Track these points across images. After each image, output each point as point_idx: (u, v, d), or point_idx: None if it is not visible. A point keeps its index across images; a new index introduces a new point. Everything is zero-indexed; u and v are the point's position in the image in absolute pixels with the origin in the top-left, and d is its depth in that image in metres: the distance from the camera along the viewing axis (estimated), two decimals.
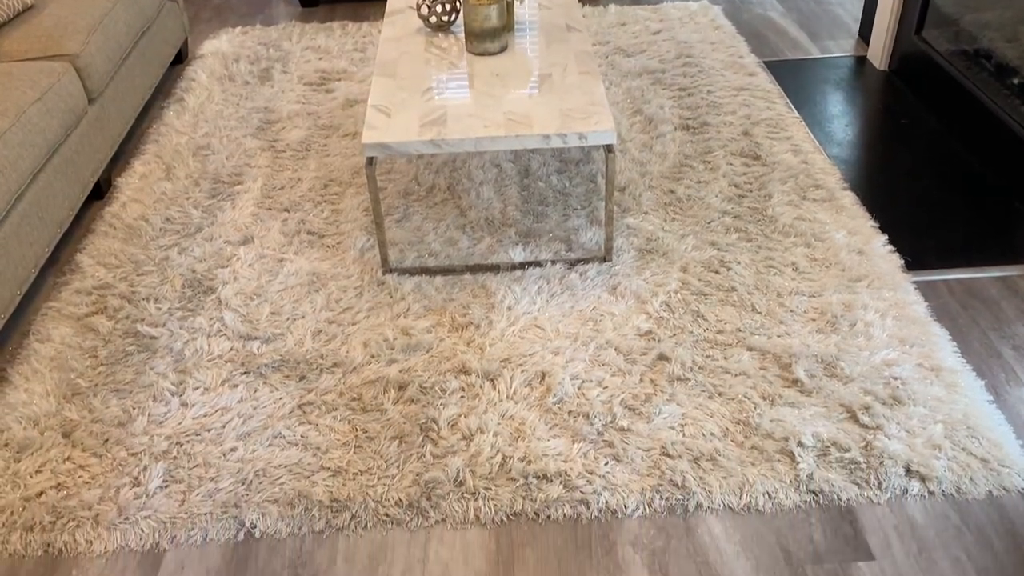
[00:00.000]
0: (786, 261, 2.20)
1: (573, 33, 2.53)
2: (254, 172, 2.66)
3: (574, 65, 2.35)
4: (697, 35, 3.40)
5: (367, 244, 2.33)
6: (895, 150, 2.68)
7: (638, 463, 1.69)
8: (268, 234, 2.39)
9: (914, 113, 2.86)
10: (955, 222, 2.34)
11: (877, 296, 2.06)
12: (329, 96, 3.09)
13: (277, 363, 1.96)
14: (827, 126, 2.81)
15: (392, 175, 2.62)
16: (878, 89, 3.02)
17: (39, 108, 2.19)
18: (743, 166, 2.59)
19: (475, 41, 2.40)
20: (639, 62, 3.21)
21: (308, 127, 2.89)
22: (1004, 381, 1.85)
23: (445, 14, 2.53)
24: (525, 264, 2.25)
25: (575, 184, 2.56)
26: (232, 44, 3.47)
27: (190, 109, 3.02)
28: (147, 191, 2.59)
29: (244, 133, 2.87)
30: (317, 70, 3.26)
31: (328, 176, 2.64)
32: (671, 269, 2.19)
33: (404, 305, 2.12)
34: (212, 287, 2.20)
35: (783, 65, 3.19)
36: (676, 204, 2.44)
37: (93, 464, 1.73)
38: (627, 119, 2.86)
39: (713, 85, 3.03)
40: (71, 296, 2.18)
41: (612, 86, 3.06)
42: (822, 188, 2.46)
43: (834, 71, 3.14)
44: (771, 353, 1.92)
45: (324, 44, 3.46)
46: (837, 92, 3.00)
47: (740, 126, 2.78)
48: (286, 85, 3.16)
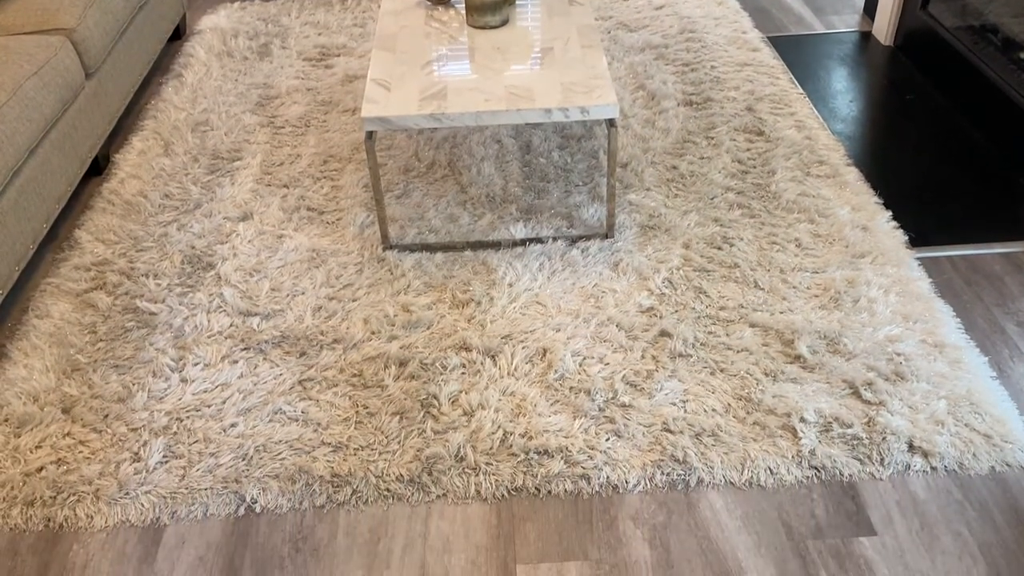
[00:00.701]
0: (789, 237, 2.18)
1: (575, 6, 2.50)
2: (253, 148, 2.64)
3: (576, 39, 2.33)
4: (700, 10, 3.36)
5: (367, 220, 2.32)
6: (900, 126, 2.65)
7: (639, 439, 1.68)
8: (267, 210, 2.37)
9: (919, 89, 2.83)
10: (960, 198, 2.33)
11: (881, 272, 2.05)
12: (328, 72, 3.06)
13: (277, 339, 1.95)
14: (831, 102, 2.78)
15: (392, 151, 2.60)
16: (883, 65, 2.99)
17: (36, 82, 2.17)
18: (746, 142, 2.56)
19: (476, 14, 2.37)
20: (642, 37, 3.18)
21: (307, 103, 2.87)
22: (1008, 357, 1.84)
23: None
24: (526, 241, 2.23)
25: (577, 160, 2.54)
26: (230, 20, 3.44)
27: (188, 85, 2.99)
28: (145, 167, 2.57)
29: (243, 109, 2.84)
30: (316, 45, 3.23)
31: (328, 152, 2.62)
32: (673, 245, 2.18)
33: (405, 282, 2.11)
34: (211, 263, 2.19)
35: (787, 40, 3.16)
36: (679, 180, 2.42)
37: (93, 439, 1.73)
38: (630, 94, 2.84)
39: (716, 60, 3.00)
40: (70, 272, 2.17)
41: (615, 61, 3.03)
42: (826, 164, 2.44)
43: (838, 47, 3.11)
44: (774, 329, 1.91)
45: (323, 19, 3.42)
46: (841, 68, 2.97)
47: (743, 102, 2.75)
48: (285, 61, 3.13)
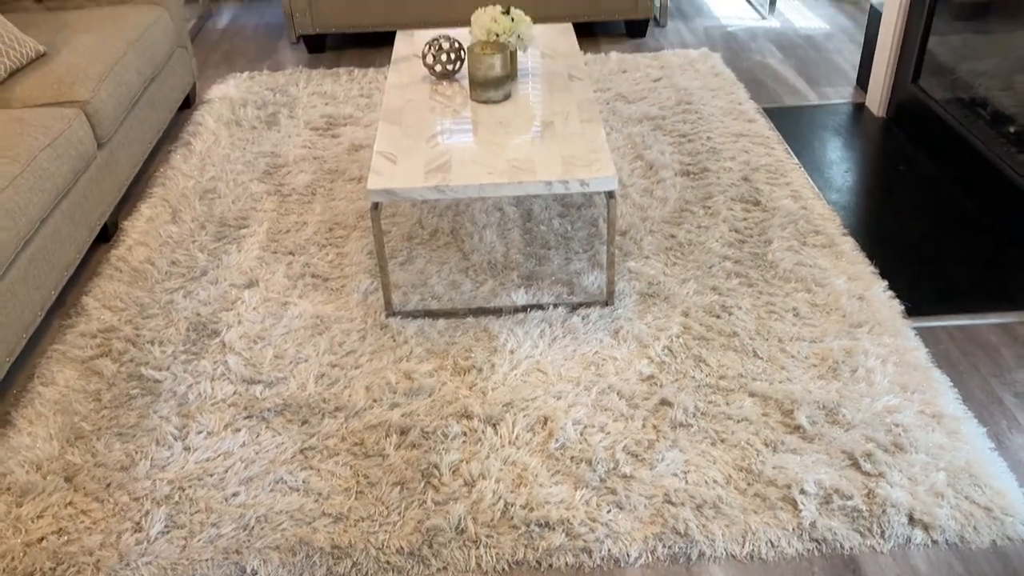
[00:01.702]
0: (787, 306, 2.21)
1: (575, 82, 2.58)
2: (260, 216, 2.69)
3: (576, 113, 2.39)
4: (697, 82, 3.45)
5: (371, 287, 2.35)
6: (894, 196, 2.71)
7: (641, 510, 1.68)
8: (273, 277, 2.41)
9: (912, 159, 2.90)
10: (954, 268, 2.36)
11: (878, 342, 2.07)
12: (335, 141, 3.13)
13: (280, 407, 1.97)
14: (826, 172, 2.84)
15: (396, 218, 2.65)
16: (876, 136, 3.06)
17: (49, 154, 2.22)
18: (743, 211, 2.61)
19: (479, 89, 2.44)
20: (640, 108, 3.26)
21: (314, 171, 2.93)
22: (1006, 428, 1.86)
23: (450, 63, 2.58)
24: (527, 307, 2.26)
25: (577, 228, 2.58)
26: (240, 89, 3.53)
27: (197, 153, 3.06)
28: (153, 234, 2.61)
29: (250, 177, 2.91)
30: (323, 115, 3.31)
31: (333, 220, 2.66)
32: (673, 313, 2.21)
33: (407, 348, 2.13)
34: (216, 330, 2.22)
35: (782, 112, 3.24)
36: (677, 249, 2.46)
37: (95, 509, 1.73)
38: (628, 164, 2.90)
39: (713, 131, 3.07)
40: (76, 339, 2.20)
41: (613, 132, 3.11)
42: (822, 234, 2.48)
43: (833, 117, 3.18)
44: (773, 399, 1.93)
45: (330, 90, 3.51)
46: (836, 138, 3.04)
47: (740, 172, 2.81)
48: (292, 130, 3.21)
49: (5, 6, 3.07)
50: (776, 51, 3.78)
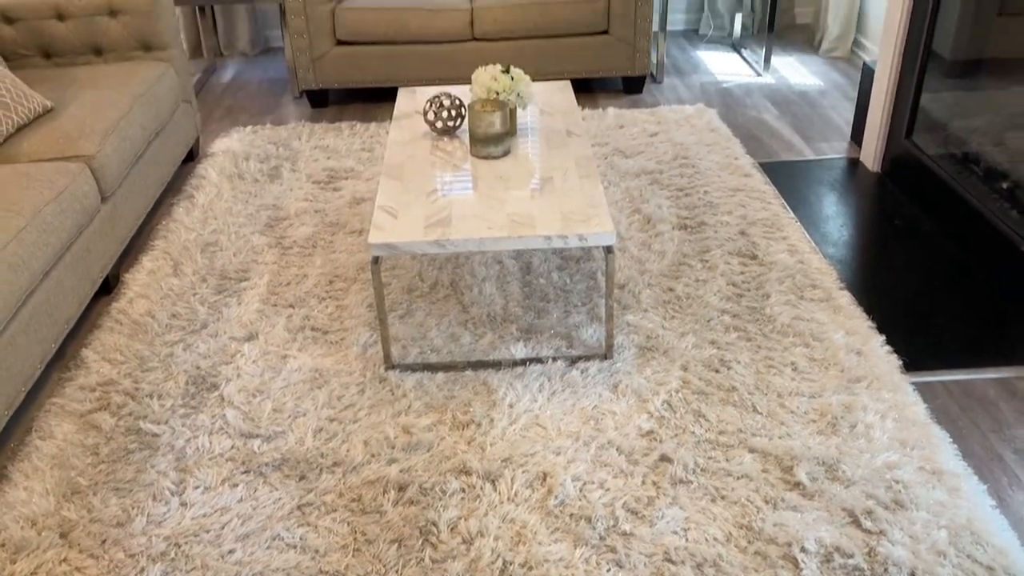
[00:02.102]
0: (786, 361, 2.22)
1: (573, 138, 2.62)
2: (261, 268, 2.71)
3: (574, 169, 2.43)
4: (693, 137, 3.51)
5: (370, 340, 2.36)
6: (890, 251, 2.73)
7: (641, 569, 1.67)
8: (273, 330, 2.42)
9: (907, 214, 2.93)
10: (951, 323, 2.37)
11: (877, 397, 2.08)
12: (336, 194, 3.16)
13: (278, 462, 1.96)
14: (822, 226, 2.87)
15: (396, 271, 2.67)
16: (871, 190, 3.10)
17: (54, 208, 2.25)
18: (740, 265, 2.63)
19: (479, 145, 2.48)
20: (637, 163, 3.31)
21: (315, 224, 2.96)
22: (1007, 485, 1.85)
23: (451, 119, 2.63)
24: (527, 361, 2.26)
25: (576, 281, 2.60)
26: (243, 143, 3.58)
27: (199, 206, 3.09)
28: (154, 287, 2.63)
29: (252, 230, 2.93)
30: (325, 169, 3.35)
31: (333, 272, 2.68)
32: (672, 367, 2.21)
33: (405, 402, 2.13)
34: (215, 384, 2.22)
35: (778, 166, 3.28)
36: (675, 302, 2.48)
37: (90, 566, 1.71)
38: (626, 218, 2.93)
39: (709, 185, 3.11)
40: (75, 392, 2.20)
41: (611, 186, 3.15)
42: (819, 288, 2.50)
43: (828, 172, 3.23)
44: (773, 455, 1.92)
45: (332, 144, 3.56)
46: (831, 193, 3.08)
47: (737, 226, 2.84)
48: (294, 183, 3.25)
49: (15, 62, 3.13)
50: (771, 107, 3.84)
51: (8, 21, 3.07)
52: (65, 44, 3.13)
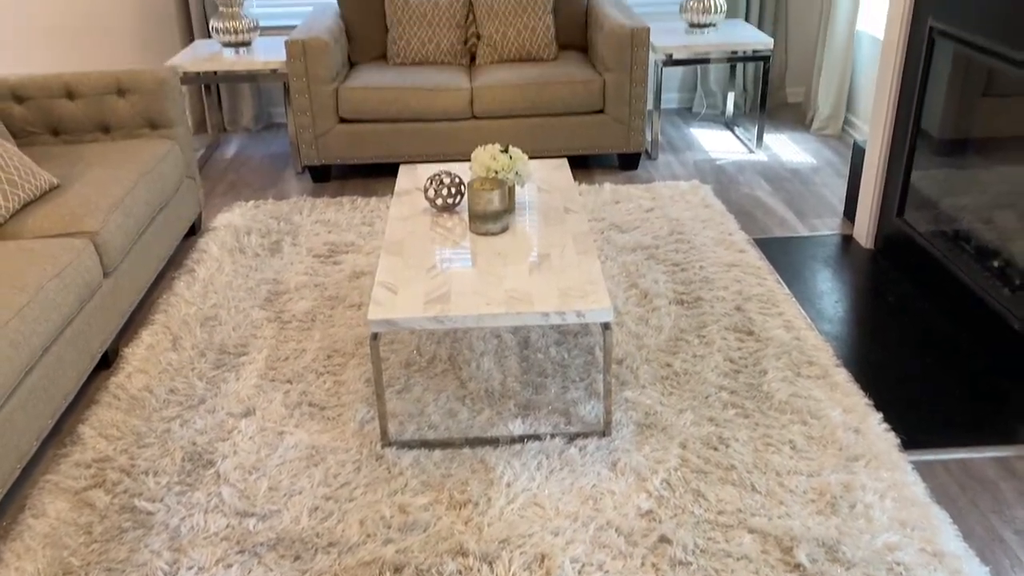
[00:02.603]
0: (784, 439, 2.21)
1: (570, 215, 2.66)
2: (259, 343, 2.72)
3: (572, 245, 2.46)
4: (688, 213, 3.56)
5: (367, 416, 2.36)
6: (885, 327, 2.75)
7: None
8: (270, 406, 2.41)
9: (901, 291, 2.96)
10: (948, 400, 2.38)
11: (875, 476, 2.07)
12: (336, 268, 3.20)
13: (273, 541, 1.94)
14: (817, 303, 2.90)
15: (395, 345, 2.68)
16: (865, 267, 3.14)
17: (57, 284, 2.27)
18: (737, 341, 2.65)
19: (478, 222, 2.52)
20: (633, 238, 3.35)
21: (315, 298, 2.98)
22: (1008, 567, 1.83)
23: (450, 196, 2.67)
24: (524, 438, 2.26)
25: (574, 356, 2.61)
26: (244, 217, 3.63)
27: (200, 280, 3.12)
28: (153, 361, 2.64)
29: (252, 304, 2.95)
30: (326, 243, 3.39)
31: (332, 347, 2.69)
32: (670, 445, 2.21)
33: (402, 480, 2.11)
34: (212, 460, 2.20)
35: (772, 242, 3.33)
36: (673, 378, 2.49)
37: None
38: (623, 292, 2.96)
39: (705, 261, 3.15)
40: (70, 469, 2.18)
41: (608, 260, 3.18)
42: (815, 365, 2.51)
43: (822, 249, 3.27)
44: (772, 535, 1.90)
45: (333, 218, 3.61)
46: (826, 269, 3.12)
47: (733, 301, 2.87)
48: (295, 257, 3.28)
49: (24, 140, 3.20)
50: (764, 183, 3.91)
51: (19, 100, 3.15)
52: (74, 122, 3.20)
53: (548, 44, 4.14)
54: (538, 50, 4.14)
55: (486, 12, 4.14)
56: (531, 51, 4.14)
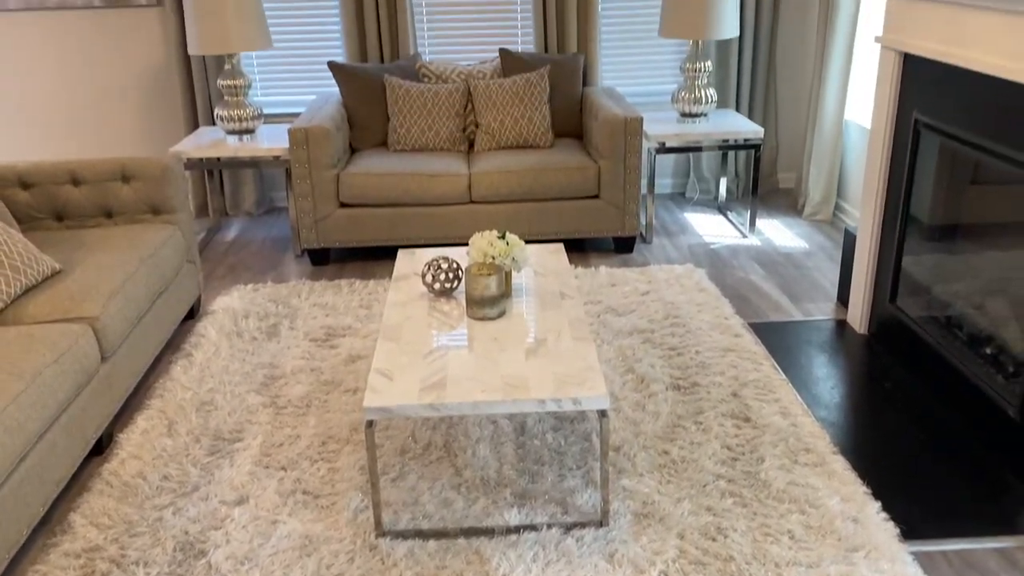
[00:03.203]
0: (782, 529, 2.19)
1: (567, 300, 2.69)
2: (254, 429, 2.71)
3: (568, 331, 2.48)
4: (683, 296, 3.59)
5: (361, 505, 2.33)
6: (882, 413, 2.75)
7: None
8: (264, 494, 2.39)
9: (897, 376, 2.97)
10: (947, 489, 2.36)
11: (875, 568, 2.04)
12: (333, 352, 3.21)
13: None
14: (813, 388, 2.90)
15: (390, 432, 2.67)
16: (860, 352, 3.15)
17: (54, 370, 2.28)
18: (734, 428, 2.64)
19: (475, 307, 2.55)
20: (629, 321, 3.38)
21: (310, 383, 2.98)
22: None
23: (448, 281, 2.71)
24: (520, 528, 2.23)
25: (570, 443, 2.60)
26: (243, 301, 3.66)
27: (197, 364, 3.12)
28: (147, 447, 2.62)
29: (248, 389, 2.95)
30: (323, 326, 3.41)
31: (327, 433, 2.68)
32: (668, 535, 2.18)
33: (396, 573, 2.08)
34: (203, 550, 2.17)
35: (767, 327, 3.35)
36: (670, 466, 2.47)
37: None
38: (620, 377, 2.96)
39: (701, 345, 3.17)
40: (59, 559, 2.14)
41: (605, 344, 3.20)
42: (812, 452, 2.50)
43: (816, 333, 3.29)
44: None
45: (331, 301, 3.64)
46: (821, 354, 3.13)
47: (729, 387, 2.87)
48: (292, 341, 3.30)
49: (28, 225, 3.25)
50: (758, 268, 3.96)
51: (25, 186, 3.21)
52: (78, 208, 3.26)
53: (544, 132, 4.25)
54: (535, 138, 4.24)
55: (485, 102, 4.26)
56: (528, 138, 4.24)
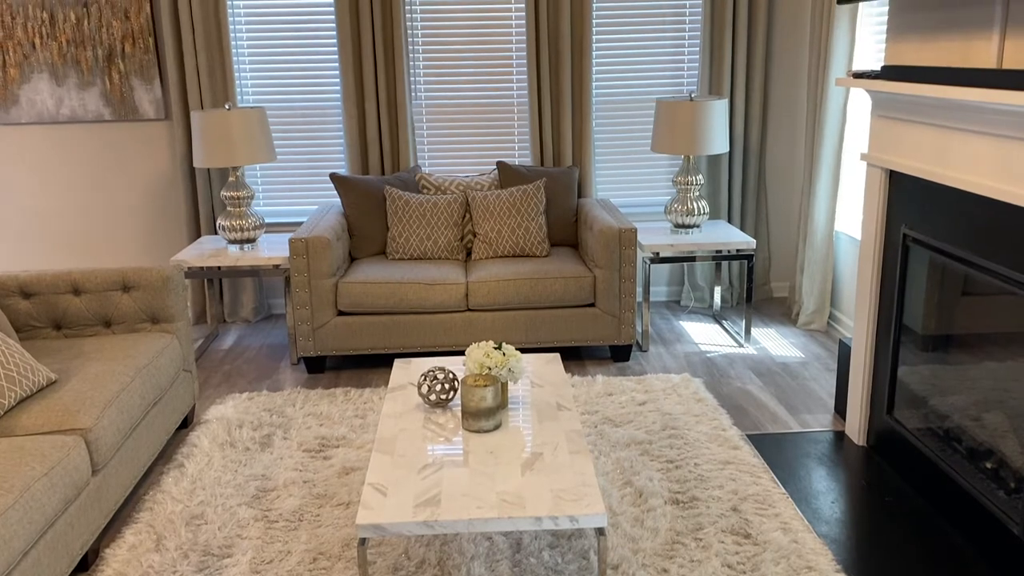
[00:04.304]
0: None
1: (563, 412, 2.68)
2: (244, 544, 2.65)
3: (564, 444, 2.46)
4: (681, 407, 3.58)
5: None
6: (883, 529, 2.70)
7: None
8: None
9: (897, 490, 2.93)
10: None
11: None
12: (326, 463, 3.16)
13: None
14: (813, 502, 2.86)
15: (382, 548, 2.61)
16: (859, 465, 3.12)
17: (44, 484, 2.24)
18: (735, 544, 2.59)
19: (471, 419, 2.53)
20: (627, 432, 3.35)
21: (303, 496, 2.93)
22: None
23: (444, 392, 2.70)
24: None
25: (568, 560, 2.54)
26: (237, 410, 3.63)
27: (189, 475, 3.07)
28: (134, 564, 2.55)
29: (239, 502, 2.90)
30: (317, 436, 3.38)
31: (318, 549, 2.62)
32: None
33: None
34: None
35: (765, 439, 3.32)
36: None
37: None
38: (617, 491, 2.92)
39: (699, 458, 3.13)
40: None
41: (602, 456, 3.16)
42: (815, 570, 2.44)
43: (815, 446, 3.27)
44: None
45: (326, 410, 3.62)
46: (820, 467, 3.10)
47: (728, 501, 2.83)
48: (285, 451, 3.26)
49: (26, 333, 3.26)
50: (755, 378, 3.96)
51: (26, 296, 3.24)
52: (77, 317, 3.28)
53: (541, 241, 4.32)
54: (531, 247, 4.31)
55: (482, 212, 4.35)
56: (525, 248, 4.32)
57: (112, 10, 4.56)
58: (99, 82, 4.64)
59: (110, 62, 4.62)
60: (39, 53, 4.59)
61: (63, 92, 4.64)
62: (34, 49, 4.58)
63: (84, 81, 4.64)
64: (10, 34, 4.55)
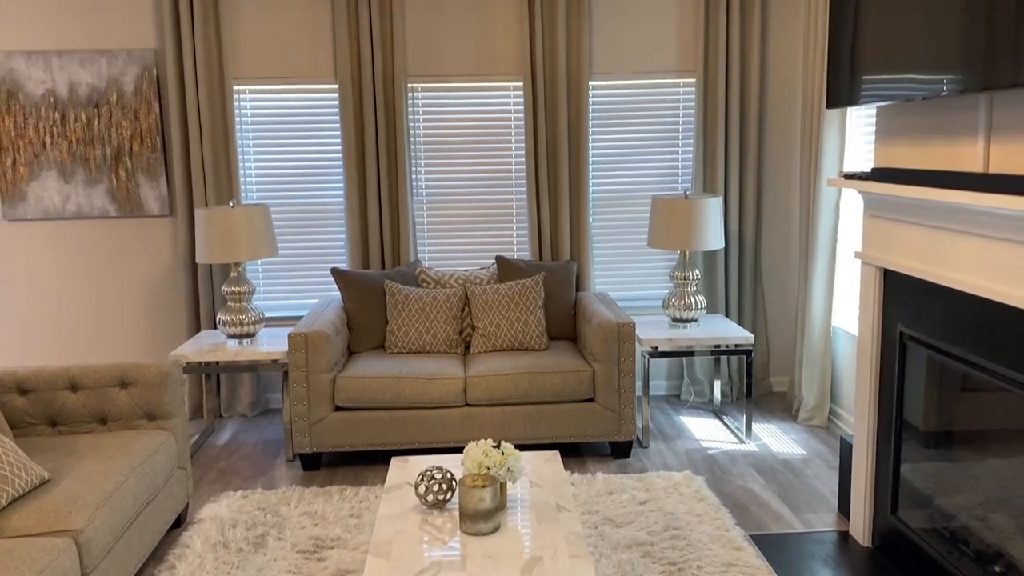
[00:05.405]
0: None
1: (563, 513, 2.64)
2: None
3: (564, 547, 2.41)
4: (683, 506, 3.52)
5: None
6: None
7: None
8: None
9: None
10: None
11: None
12: (321, 565, 3.09)
13: None
14: None
15: None
16: (865, 567, 3.05)
17: None
18: None
19: (469, 521, 2.49)
20: (628, 533, 3.28)
21: None
22: None
23: (441, 493, 2.66)
24: None
25: None
26: (231, 509, 3.57)
27: None
28: None
29: None
30: (311, 537, 3.31)
31: None
32: None
33: None
34: None
35: (769, 539, 3.26)
36: None
37: None
38: None
39: (703, 560, 3.06)
40: None
41: (603, 559, 3.09)
42: None
43: (820, 547, 3.20)
44: None
45: (321, 509, 3.55)
46: (825, 569, 3.03)
47: None
48: (279, 553, 3.18)
49: (21, 430, 3.23)
50: (757, 475, 3.91)
51: (23, 392, 3.23)
52: (73, 414, 3.26)
53: (539, 335, 4.33)
54: (530, 340, 4.32)
55: (481, 306, 4.38)
56: (523, 341, 4.32)
57: (122, 111, 4.69)
58: (106, 179, 4.74)
59: (118, 160, 4.73)
60: (49, 152, 4.70)
61: (70, 189, 4.74)
62: (44, 148, 4.69)
63: (91, 178, 4.74)
64: (22, 133, 4.67)
